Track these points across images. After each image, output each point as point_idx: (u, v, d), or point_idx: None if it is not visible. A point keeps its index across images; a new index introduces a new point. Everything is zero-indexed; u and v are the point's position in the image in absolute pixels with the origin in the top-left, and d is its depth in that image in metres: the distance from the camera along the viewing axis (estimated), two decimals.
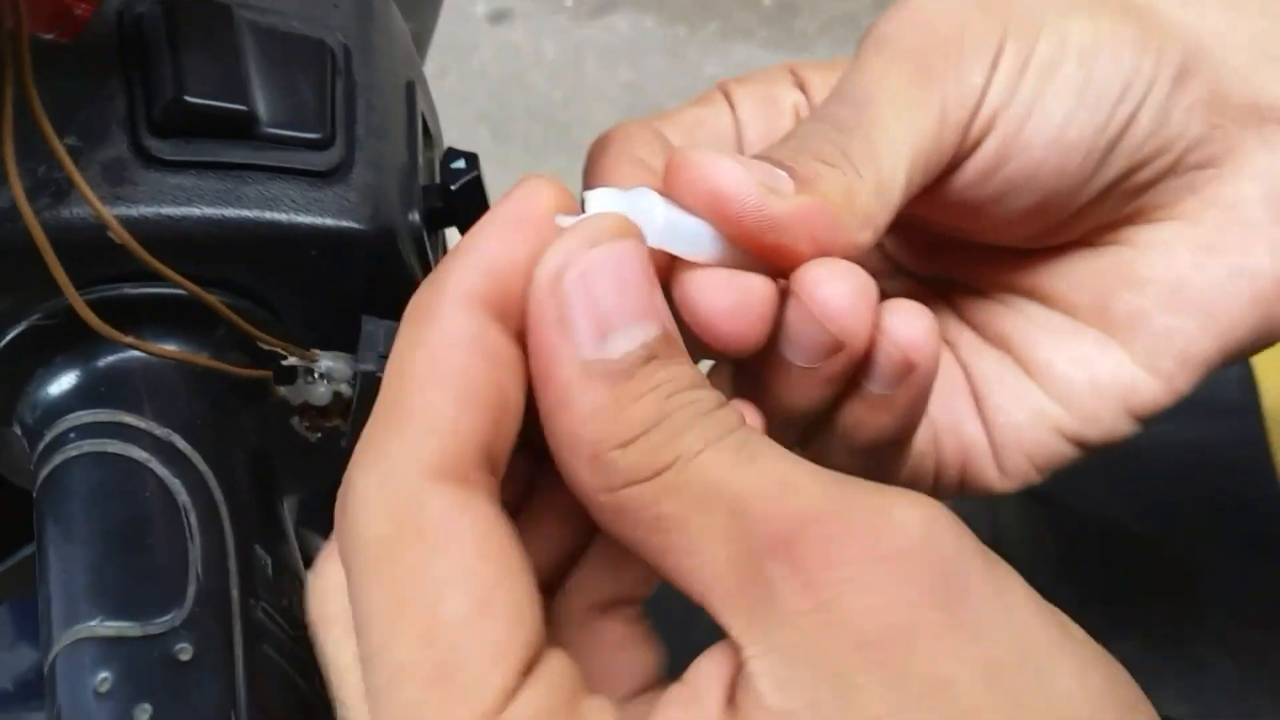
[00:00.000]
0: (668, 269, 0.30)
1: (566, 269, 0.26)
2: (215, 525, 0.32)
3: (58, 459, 0.33)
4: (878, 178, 0.31)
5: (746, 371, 0.33)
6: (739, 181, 0.29)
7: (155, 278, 0.34)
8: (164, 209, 0.34)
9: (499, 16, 1.91)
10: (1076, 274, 0.38)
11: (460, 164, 0.42)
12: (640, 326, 0.26)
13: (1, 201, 0.32)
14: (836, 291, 0.30)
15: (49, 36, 0.31)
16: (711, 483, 0.25)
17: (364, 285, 0.37)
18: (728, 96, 0.38)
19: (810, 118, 0.34)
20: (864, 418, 0.33)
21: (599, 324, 0.26)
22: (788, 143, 0.32)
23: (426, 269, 0.39)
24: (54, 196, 0.33)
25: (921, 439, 0.37)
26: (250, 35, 0.36)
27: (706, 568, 0.25)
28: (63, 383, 0.34)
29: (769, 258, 0.31)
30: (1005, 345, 0.39)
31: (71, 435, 0.33)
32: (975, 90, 0.33)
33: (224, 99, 0.34)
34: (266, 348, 0.35)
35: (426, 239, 0.39)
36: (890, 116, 0.32)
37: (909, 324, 0.31)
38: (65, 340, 0.34)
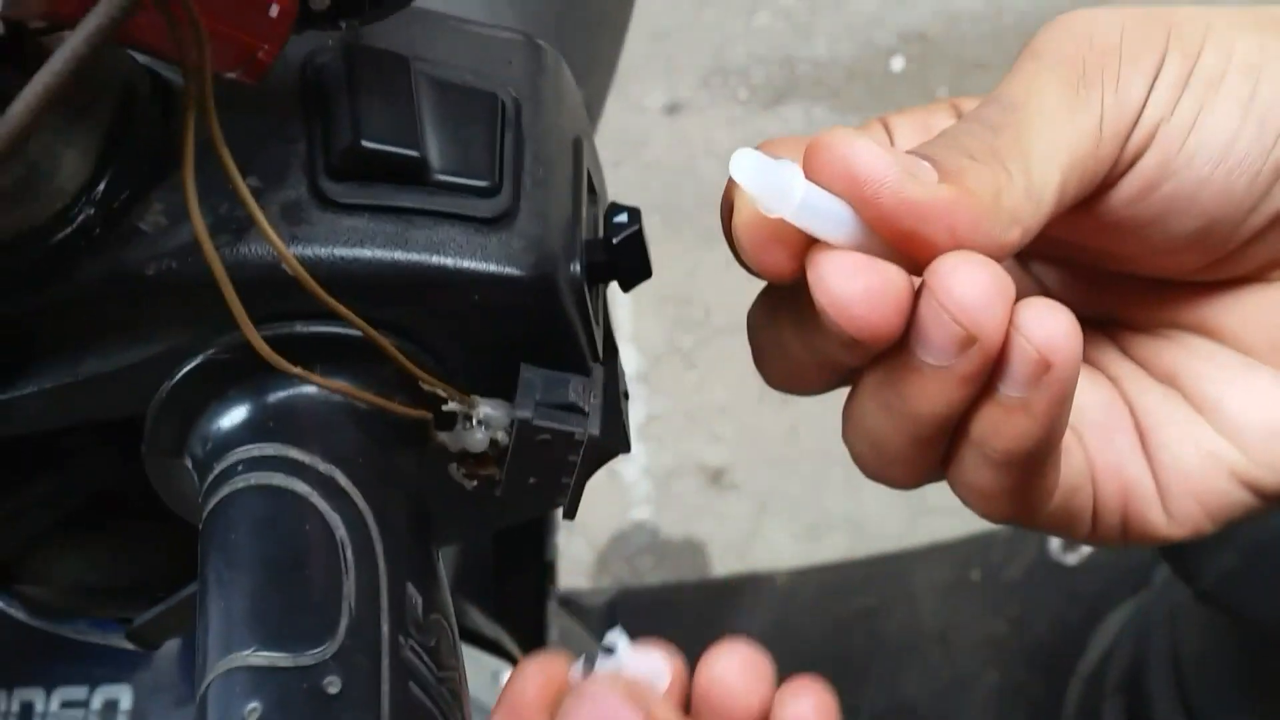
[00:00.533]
0: (805, 248, 0.30)
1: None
2: (370, 561, 0.32)
3: (225, 491, 0.34)
4: (1027, 178, 0.30)
5: (884, 381, 0.32)
6: (877, 162, 0.29)
7: (326, 316, 0.35)
8: (337, 250, 0.34)
9: (674, 108, 1.94)
10: (1250, 311, 0.35)
11: (623, 218, 0.42)
12: None
13: (183, 237, 0.34)
14: (970, 280, 0.29)
15: (233, 76, 0.32)
16: None
17: (523, 333, 0.37)
18: (886, 127, 0.37)
19: (961, 119, 0.33)
20: (1000, 424, 0.31)
21: None
22: (936, 140, 0.32)
23: (586, 321, 0.39)
24: (234, 234, 0.34)
25: (1075, 471, 0.35)
26: (426, 86, 0.37)
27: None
28: (234, 416, 0.35)
29: (906, 248, 0.30)
30: (1173, 381, 0.36)
31: (240, 468, 0.34)
32: (1135, 100, 0.32)
33: (398, 144, 0.35)
34: (429, 389, 0.35)
35: (587, 291, 0.39)
36: (1044, 120, 0.31)
37: (1046, 320, 0.29)
38: (238, 375, 0.35)
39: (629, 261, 0.41)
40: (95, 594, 0.45)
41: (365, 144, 0.35)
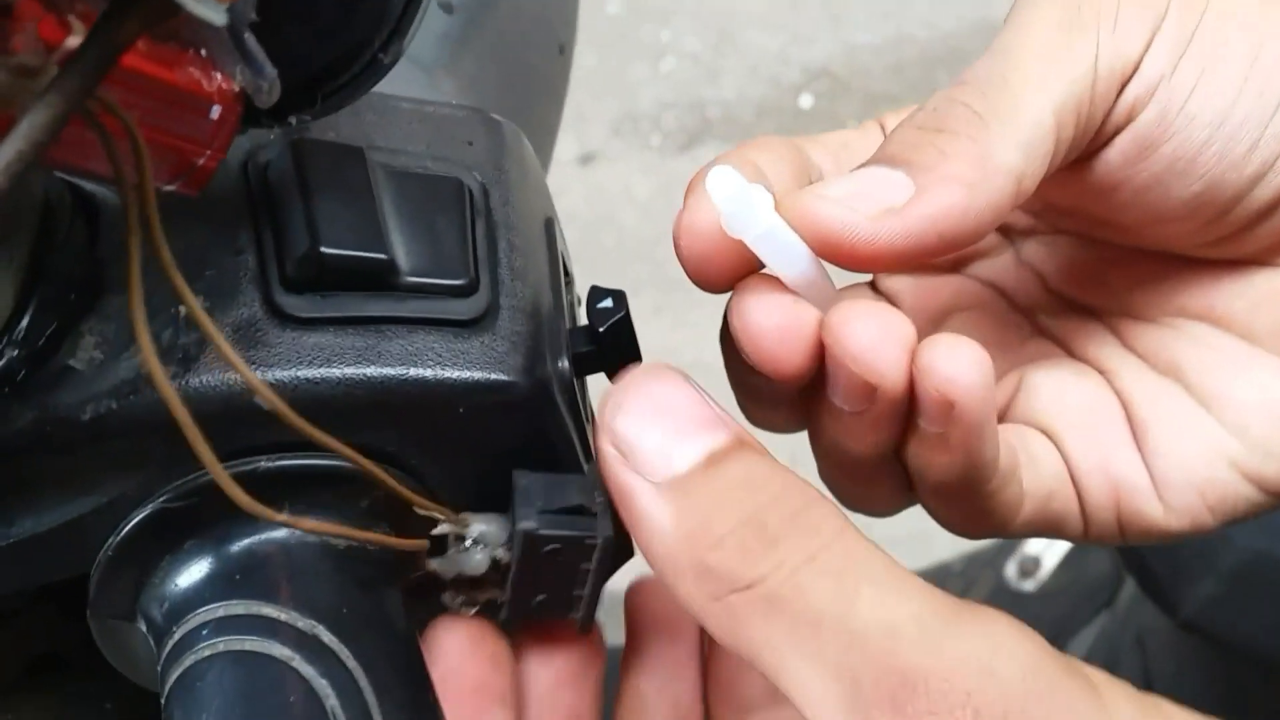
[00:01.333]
0: (745, 270, 0.31)
1: (614, 413, 0.29)
2: None
3: (189, 659, 0.29)
4: (1018, 129, 0.30)
5: (820, 424, 0.34)
6: (846, 219, 0.29)
7: (291, 448, 0.31)
8: (301, 371, 0.30)
9: (588, 159, 1.91)
10: (1254, 295, 0.35)
11: (607, 303, 0.38)
12: (697, 439, 0.28)
13: (122, 373, 0.29)
14: (862, 331, 0.29)
15: (171, 188, 0.28)
16: (814, 611, 0.25)
17: (514, 439, 0.33)
18: (882, 126, 0.37)
19: (952, 84, 0.32)
20: (926, 458, 0.32)
21: (656, 449, 0.28)
22: (915, 117, 0.32)
23: (578, 418, 0.35)
24: (182, 364, 0.30)
25: (1047, 476, 0.35)
26: (384, 178, 0.33)
27: (816, 703, 0.25)
28: (193, 571, 0.31)
29: (895, 269, 0.31)
30: (1175, 373, 0.36)
31: (204, 631, 0.29)
32: (1134, 48, 0.31)
33: (361, 248, 0.31)
34: (423, 514, 0.31)
35: (575, 386, 0.36)
36: (1036, 62, 0.31)
37: (947, 360, 0.29)
38: (195, 523, 0.31)
39: (617, 350, 0.37)
40: None
41: (325, 250, 0.31)
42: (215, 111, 0.27)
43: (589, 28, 0.72)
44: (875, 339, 0.29)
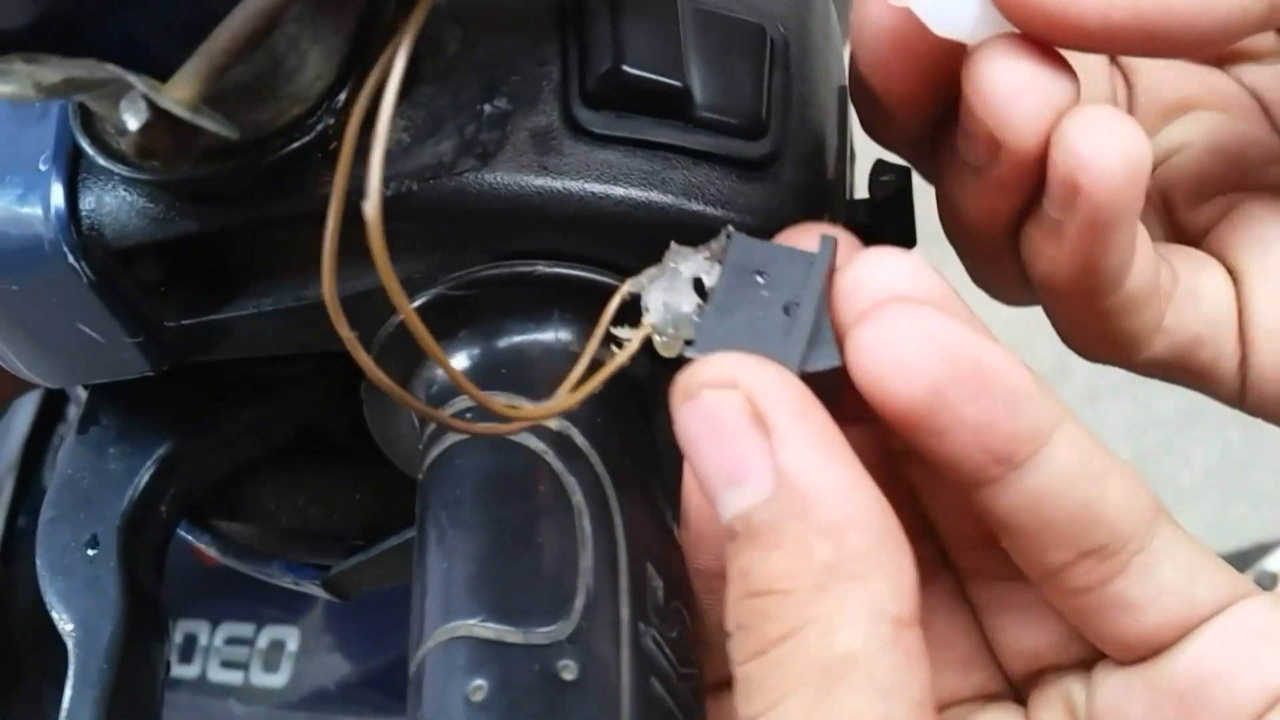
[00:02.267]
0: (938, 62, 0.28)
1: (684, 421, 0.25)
2: (608, 533, 0.29)
3: (450, 440, 0.30)
4: None
5: (947, 183, 0.30)
6: None
7: (570, 257, 0.32)
8: (589, 185, 0.31)
9: None
10: None
11: (888, 177, 0.38)
12: (740, 489, 0.24)
13: (426, 158, 0.31)
14: (1002, 74, 0.25)
15: None
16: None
17: None
18: None
19: None
20: (1037, 245, 0.28)
21: (714, 476, 0.24)
22: None
23: None
24: (479, 158, 0.31)
25: (1198, 319, 0.30)
26: (691, 14, 0.33)
27: None
28: (462, 359, 0.32)
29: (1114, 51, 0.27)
30: None
31: (467, 416, 0.31)
32: None
33: (661, 73, 0.31)
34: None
35: None
36: None
37: (1086, 134, 0.25)
38: (472, 314, 0.32)
39: (894, 225, 0.37)
40: (290, 537, 0.42)
41: (626, 69, 0.31)
42: None
43: None
44: (1015, 87, 0.25)
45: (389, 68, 0.25)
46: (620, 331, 0.29)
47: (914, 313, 0.24)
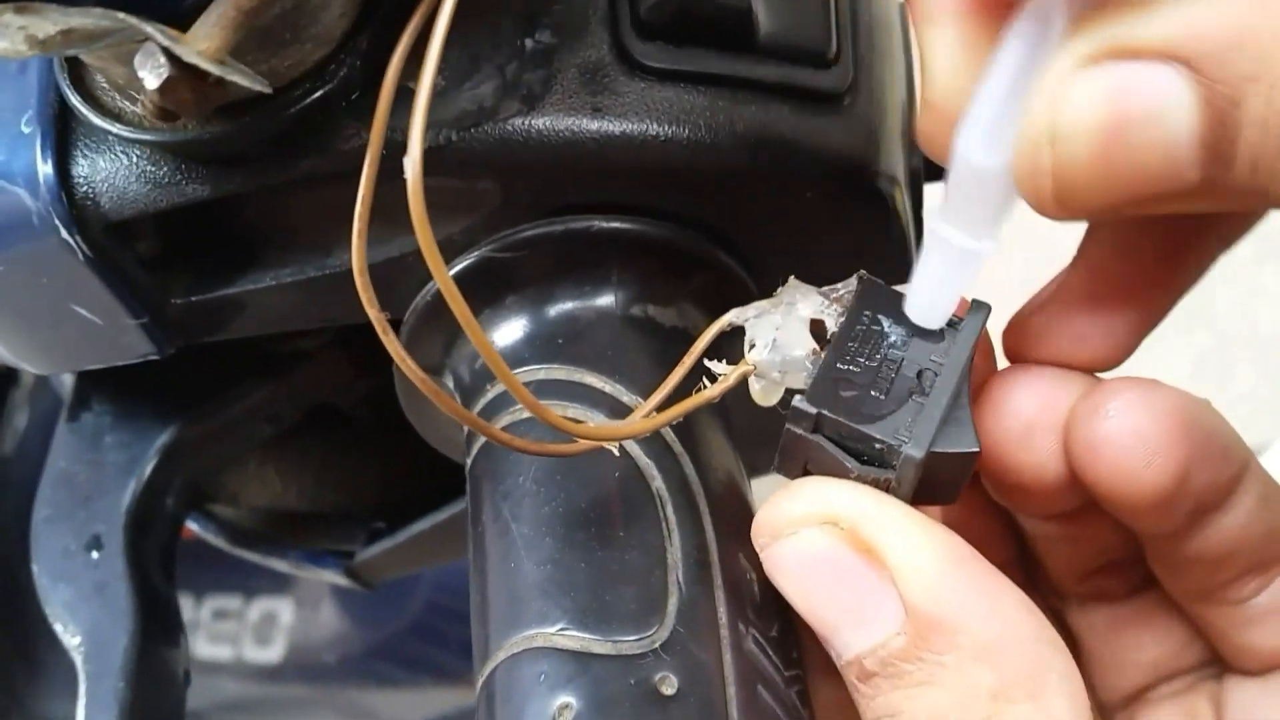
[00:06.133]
0: None
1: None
2: (695, 522, 0.26)
3: (505, 419, 0.27)
4: None
5: None
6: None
7: (629, 210, 0.28)
8: (650, 127, 0.27)
9: None
10: None
11: None
12: (863, 629, 0.22)
13: (463, 104, 0.27)
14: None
15: None
16: None
17: (853, 240, 0.30)
18: None
19: None
20: None
21: (828, 619, 0.22)
22: None
23: (919, 227, 0.31)
24: (525, 101, 0.27)
25: None
26: None
27: None
28: (513, 328, 0.28)
29: None
30: None
31: (522, 422, 0.27)
32: None
33: None
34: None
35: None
36: None
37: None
38: (520, 278, 0.28)
39: None
40: (302, 520, 0.39)
41: None
42: None
43: None
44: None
45: None
46: (715, 365, 0.25)
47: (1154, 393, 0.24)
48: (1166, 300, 0.26)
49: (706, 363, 0.26)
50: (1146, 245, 0.25)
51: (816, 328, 0.25)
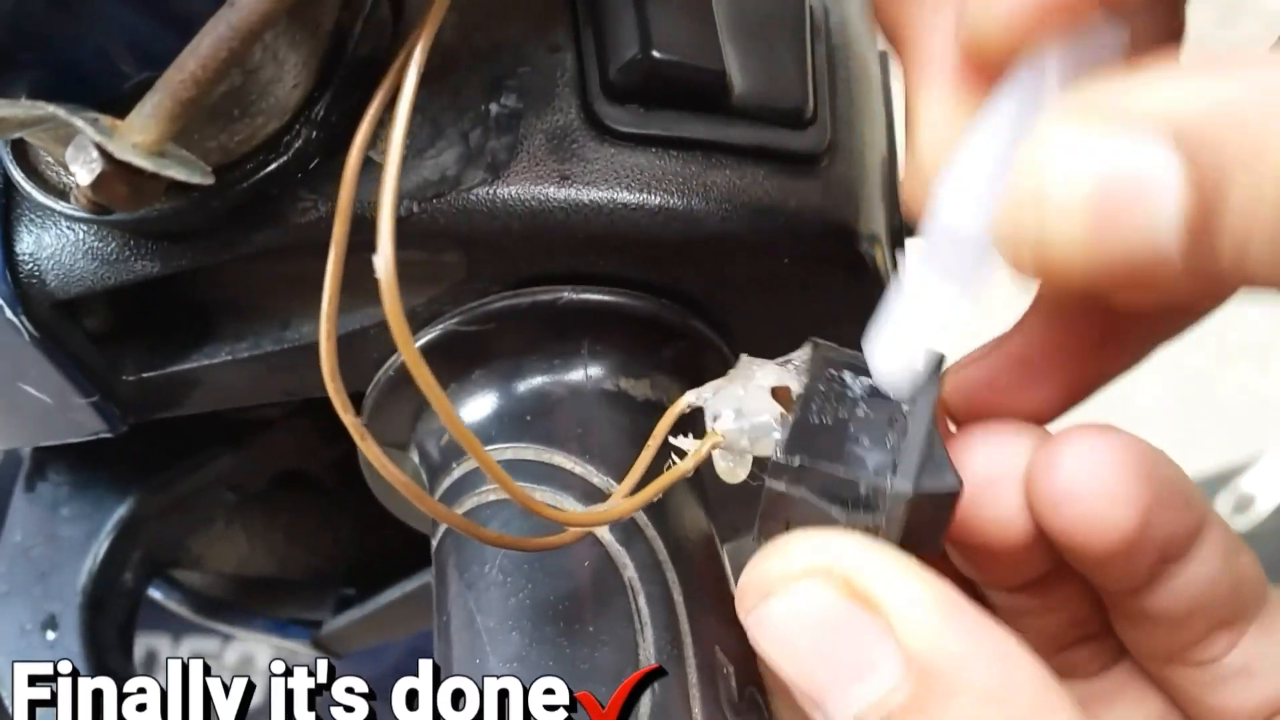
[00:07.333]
0: None
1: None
2: (669, 614, 0.24)
3: (470, 502, 0.26)
4: None
5: None
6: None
7: (598, 280, 0.27)
8: (619, 194, 0.26)
9: None
10: None
11: None
12: (863, 684, 0.21)
13: (428, 172, 0.26)
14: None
15: None
16: None
17: (833, 303, 0.29)
18: None
19: None
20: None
21: (824, 679, 0.21)
22: None
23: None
24: (490, 170, 0.26)
25: None
26: None
27: None
28: (480, 405, 0.27)
29: None
30: None
31: (491, 501, 0.26)
32: None
33: (695, 59, 0.27)
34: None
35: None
36: None
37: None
38: (486, 352, 0.27)
39: None
40: (267, 586, 0.38)
41: (657, 55, 0.26)
42: None
43: None
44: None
45: (405, 63, 0.20)
46: (681, 442, 0.24)
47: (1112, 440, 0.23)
48: (1095, 383, 0.25)
49: (673, 440, 0.24)
50: (1084, 331, 0.25)
51: (780, 394, 0.24)
